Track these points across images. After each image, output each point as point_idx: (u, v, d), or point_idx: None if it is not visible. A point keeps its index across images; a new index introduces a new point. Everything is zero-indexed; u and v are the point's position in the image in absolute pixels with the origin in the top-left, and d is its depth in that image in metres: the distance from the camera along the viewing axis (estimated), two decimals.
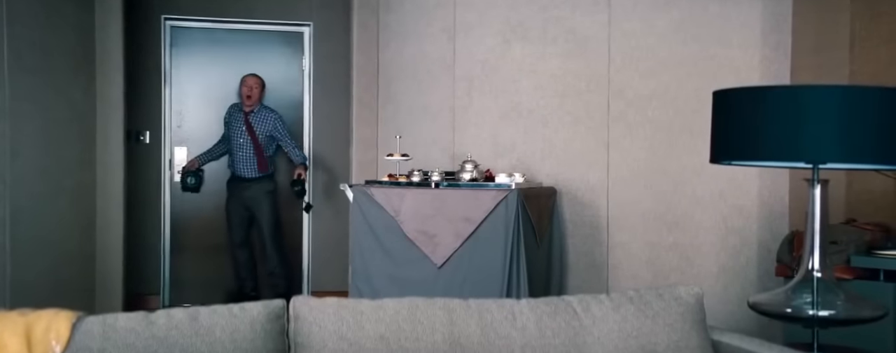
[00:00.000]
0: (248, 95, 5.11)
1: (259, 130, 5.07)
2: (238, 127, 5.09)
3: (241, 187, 5.13)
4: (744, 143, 1.93)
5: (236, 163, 5.11)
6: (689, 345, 1.82)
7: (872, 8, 3.47)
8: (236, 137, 5.09)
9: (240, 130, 5.08)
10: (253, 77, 5.22)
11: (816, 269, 2.01)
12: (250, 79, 5.20)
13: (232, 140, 5.11)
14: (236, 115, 5.14)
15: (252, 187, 5.11)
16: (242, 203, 5.15)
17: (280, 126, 5.11)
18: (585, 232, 4.08)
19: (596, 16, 4.03)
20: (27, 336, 1.54)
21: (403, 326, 1.73)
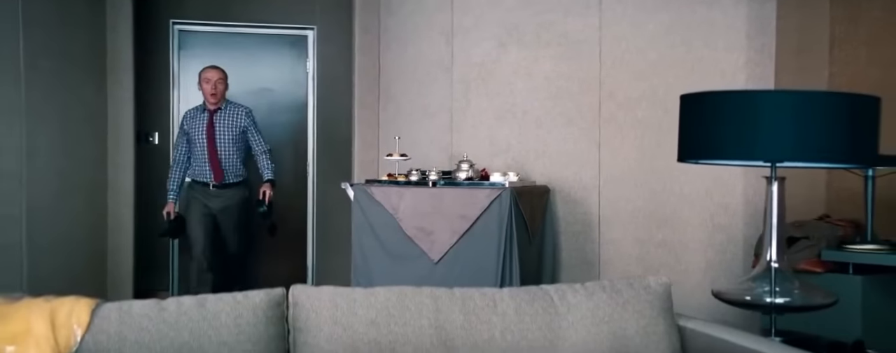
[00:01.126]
0: (212, 92, 4.58)
1: (227, 127, 4.62)
2: (200, 128, 4.60)
3: (205, 194, 4.62)
4: (707, 143, 2.08)
5: (202, 166, 4.62)
6: (656, 330, 1.97)
7: (850, 12, 3.61)
8: (199, 141, 4.60)
9: (201, 131, 4.60)
10: (214, 70, 4.65)
11: (774, 260, 2.17)
12: (211, 72, 4.62)
13: (194, 144, 4.63)
14: (199, 116, 4.64)
15: (221, 195, 4.61)
16: (207, 213, 4.61)
17: (251, 123, 4.69)
18: (577, 229, 4.23)
19: (587, 20, 4.18)
20: (52, 320, 1.70)
21: (393, 312, 1.89)
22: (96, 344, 1.71)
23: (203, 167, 4.61)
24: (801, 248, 2.95)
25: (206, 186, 4.62)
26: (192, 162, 4.66)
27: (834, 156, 2.00)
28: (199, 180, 4.66)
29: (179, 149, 4.73)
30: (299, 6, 5.90)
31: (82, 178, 4.70)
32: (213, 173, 4.58)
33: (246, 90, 5.80)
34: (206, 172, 4.61)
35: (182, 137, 4.71)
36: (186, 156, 4.69)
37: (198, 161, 4.63)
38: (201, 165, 4.62)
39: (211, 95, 4.58)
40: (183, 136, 4.70)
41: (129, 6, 5.04)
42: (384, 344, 1.85)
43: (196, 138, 4.61)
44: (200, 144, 4.59)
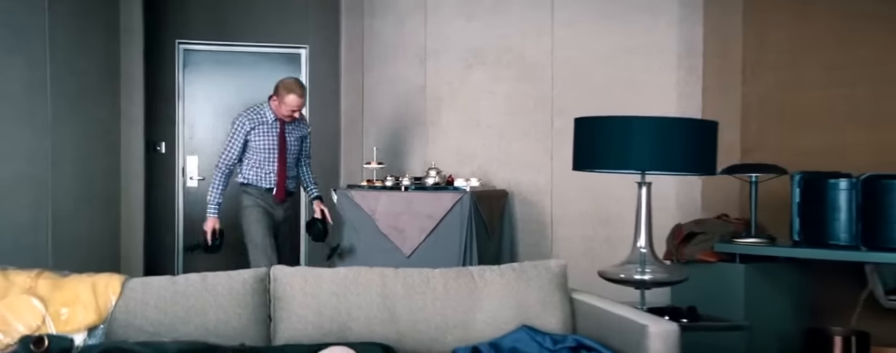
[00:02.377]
0: (289, 116, 4.17)
1: (295, 140, 4.34)
2: (270, 138, 4.22)
3: (268, 201, 4.25)
4: (594, 156, 2.68)
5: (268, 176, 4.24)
6: (552, 300, 2.56)
7: (760, 39, 4.20)
8: (268, 150, 4.22)
9: (271, 141, 4.23)
10: (299, 97, 4.12)
11: (642, 246, 2.76)
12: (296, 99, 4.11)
13: (258, 152, 4.22)
14: (270, 124, 4.21)
15: (281, 205, 4.28)
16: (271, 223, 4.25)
17: (309, 134, 4.48)
18: (533, 227, 4.82)
19: (541, 45, 4.78)
20: (93, 290, 2.30)
21: (350, 286, 2.49)
22: (126, 308, 2.31)
23: (267, 176, 4.22)
24: (698, 242, 3.55)
25: (269, 192, 4.22)
26: (248, 168, 4.23)
27: (686, 167, 2.61)
28: (259, 186, 4.23)
29: (231, 156, 4.19)
30: (293, 27, 6.50)
31: (99, 186, 5.30)
32: (278, 187, 4.21)
33: (244, 102, 6.37)
34: (269, 180, 4.22)
35: (239, 142, 4.18)
36: (236, 164, 4.24)
37: (262, 170, 4.22)
38: (266, 174, 4.22)
39: (287, 117, 4.18)
40: (241, 141, 4.18)
41: (139, 29, 5.64)
42: (342, 310, 2.45)
43: (264, 147, 4.19)
44: (269, 154, 4.19)
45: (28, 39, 4.49)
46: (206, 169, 6.50)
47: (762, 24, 4.17)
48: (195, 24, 6.36)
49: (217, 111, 6.46)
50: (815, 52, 4.14)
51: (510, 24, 4.84)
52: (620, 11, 4.66)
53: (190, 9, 6.31)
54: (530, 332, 2.47)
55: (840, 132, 4.08)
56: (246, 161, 4.24)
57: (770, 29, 4.19)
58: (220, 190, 4.23)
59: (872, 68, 4.14)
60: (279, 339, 2.39)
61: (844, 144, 4.04)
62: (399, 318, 2.48)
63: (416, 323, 2.48)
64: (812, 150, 4.05)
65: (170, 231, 6.31)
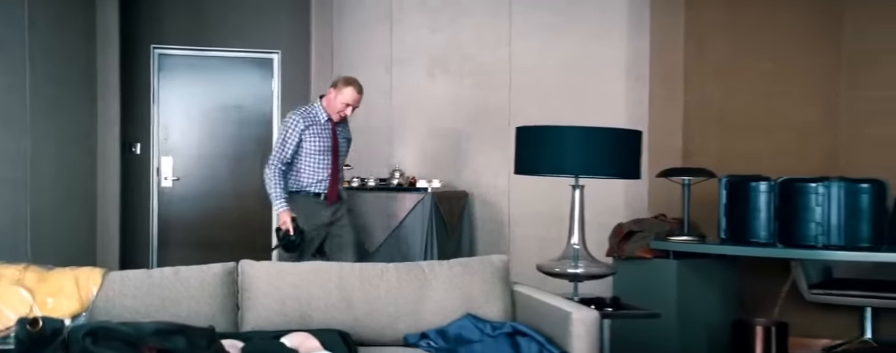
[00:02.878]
0: (344, 113, 4.01)
1: (344, 140, 4.21)
2: (325, 139, 4.03)
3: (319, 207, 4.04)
4: (534, 161, 2.97)
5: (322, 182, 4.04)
6: (494, 292, 2.84)
7: (700, 51, 4.52)
8: (322, 151, 4.02)
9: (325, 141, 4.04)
10: (360, 93, 4.01)
11: (576, 243, 3.06)
12: (356, 95, 3.98)
13: (311, 154, 4.02)
14: (323, 125, 4.03)
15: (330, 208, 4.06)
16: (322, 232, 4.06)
17: None
18: (491, 227, 5.11)
19: (499, 54, 5.07)
20: (76, 282, 2.55)
21: (310, 278, 2.75)
22: (106, 298, 2.55)
23: (320, 181, 4.02)
24: (637, 239, 3.85)
25: (317, 197, 4.03)
26: (297, 174, 4.03)
27: (614, 172, 2.91)
28: (308, 192, 4.03)
29: (286, 154, 4.00)
30: (266, 33, 6.72)
31: (76, 185, 5.51)
32: (331, 190, 4.03)
33: (218, 106, 6.65)
34: (321, 185, 4.03)
35: (294, 140, 3.99)
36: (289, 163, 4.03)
37: (315, 173, 4.02)
38: (318, 179, 4.02)
39: (340, 113, 4.01)
40: (295, 139, 3.99)
41: (115, 35, 5.85)
42: (303, 300, 2.71)
43: (318, 149, 4.00)
44: (323, 156, 4.01)
45: (7, 46, 4.70)
46: (181, 169, 6.73)
47: (701, 38, 4.49)
48: (170, 29, 6.57)
49: (191, 114, 6.68)
50: (748, 64, 4.48)
51: (470, 34, 5.13)
52: (573, 24, 4.96)
53: (164, 15, 6.52)
54: (473, 320, 2.75)
55: (772, 137, 4.41)
56: (296, 165, 4.00)
57: (708, 42, 4.51)
58: (282, 184, 3.98)
59: (800, 78, 4.49)
60: (246, 326, 2.64)
61: (775, 149, 4.38)
62: (355, 307, 2.74)
63: (370, 312, 2.74)
64: (747, 154, 4.38)
65: (145, 228, 6.52)
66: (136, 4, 6.34)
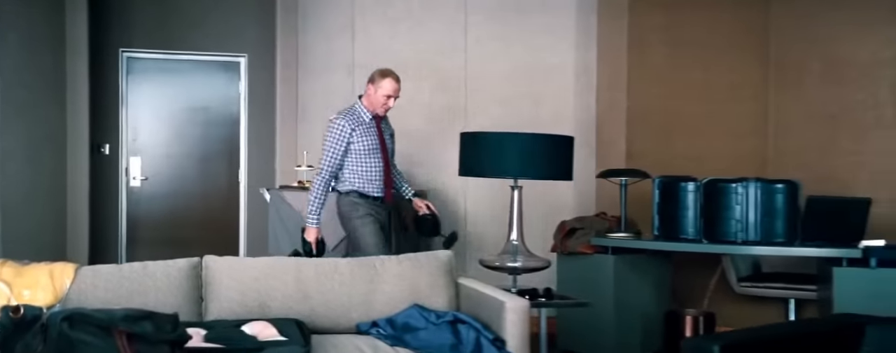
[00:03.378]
0: (386, 106, 4.03)
1: (390, 136, 4.17)
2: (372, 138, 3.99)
3: (377, 209, 4.02)
4: (476, 164, 3.24)
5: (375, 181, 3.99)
6: (439, 284, 3.11)
7: (642, 55, 4.82)
8: (372, 152, 3.97)
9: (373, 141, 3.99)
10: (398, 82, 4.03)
11: (514, 239, 3.34)
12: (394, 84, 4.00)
13: (362, 156, 3.96)
14: (369, 124, 4.01)
15: (387, 207, 4.10)
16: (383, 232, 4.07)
17: None
18: (448, 224, 5.35)
19: (455, 60, 5.33)
20: (50, 275, 2.76)
21: (269, 272, 2.99)
22: (79, 290, 2.77)
23: (374, 182, 3.97)
24: (579, 236, 4.15)
25: (376, 200, 3.99)
26: (352, 175, 3.96)
27: (549, 174, 3.20)
28: (367, 194, 3.97)
29: (335, 161, 3.94)
30: (233, 37, 6.91)
31: (45, 184, 5.67)
32: (386, 189, 4.00)
33: (186, 107, 6.84)
34: (376, 187, 3.98)
35: (342, 145, 3.94)
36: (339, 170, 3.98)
37: (368, 174, 3.96)
38: (372, 179, 3.96)
39: (383, 107, 4.02)
40: (343, 144, 3.94)
41: (84, 40, 6.01)
42: (263, 291, 2.95)
43: (366, 149, 3.94)
44: (372, 156, 3.95)
45: None
46: (149, 169, 6.91)
47: (643, 44, 4.80)
48: (138, 34, 6.73)
49: (159, 115, 6.86)
50: (686, 69, 4.80)
51: (428, 41, 5.38)
52: (525, 33, 5.24)
53: (133, 20, 6.70)
54: (420, 309, 3.01)
55: (707, 140, 4.74)
56: (347, 168, 3.95)
57: (649, 47, 4.82)
58: (323, 199, 3.92)
59: (733, 84, 4.83)
60: (209, 315, 2.88)
61: (711, 151, 4.71)
62: (311, 298, 2.99)
63: (325, 302, 2.99)
64: (685, 156, 4.70)
65: (114, 226, 6.70)
66: (104, 9, 6.51)
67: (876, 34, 4.34)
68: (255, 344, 2.50)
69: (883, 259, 3.33)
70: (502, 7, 5.30)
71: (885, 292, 3.28)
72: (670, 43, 4.79)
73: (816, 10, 4.64)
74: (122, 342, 2.04)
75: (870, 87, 4.36)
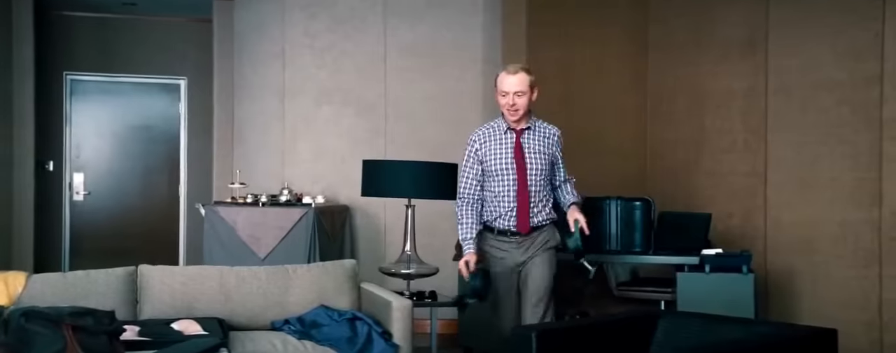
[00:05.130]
0: (511, 106, 3.30)
1: (538, 153, 3.34)
2: (503, 153, 3.29)
3: (514, 244, 3.29)
4: (376, 186, 3.83)
5: (503, 210, 3.29)
6: (343, 288, 3.67)
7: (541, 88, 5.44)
8: (502, 170, 3.28)
9: (505, 156, 3.29)
10: (512, 75, 3.32)
11: (408, 250, 3.93)
12: (507, 80, 3.31)
13: (492, 176, 3.30)
14: (499, 137, 3.33)
15: (525, 242, 3.30)
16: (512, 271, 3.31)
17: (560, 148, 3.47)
18: (371, 235, 5.92)
19: (376, 88, 5.90)
20: (5, 282, 3.24)
21: (195, 278, 3.51)
22: (30, 295, 3.25)
23: (505, 211, 3.28)
24: None
25: (504, 234, 3.30)
26: (486, 202, 3.33)
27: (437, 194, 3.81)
28: (493, 226, 3.32)
29: (467, 183, 3.34)
30: (172, 60, 7.39)
31: None
32: (519, 217, 3.26)
33: (128, 126, 7.29)
34: (507, 217, 3.28)
35: (472, 163, 3.34)
36: (479, 189, 3.33)
37: (498, 200, 3.29)
38: (501, 207, 3.28)
39: (511, 111, 3.31)
40: (474, 161, 3.34)
41: (31, 62, 6.43)
42: (189, 294, 3.47)
43: (497, 167, 3.28)
44: (504, 176, 3.27)
45: None
46: (91, 184, 7.34)
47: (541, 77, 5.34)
48: (82, 57, 7.16)
49: (102, 134, 7.29)
50: (578, 99, 5.46)
51: (351, 71, 5.94)
52: (438, 64, 5.85)
53: (77, 44, 7.14)
54: (326, 309, 3.56)
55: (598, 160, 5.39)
56: (485, 194, 3.32)
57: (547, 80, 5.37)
58: (468, 224, 3.28)
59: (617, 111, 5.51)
60: (143, 315, 3.38)
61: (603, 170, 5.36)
62: (232, 300, 3.52)
63: (244, 304, 3.52)
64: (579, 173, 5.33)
65: (58, 238, 7.10)
66: (50, 34, 6.94)
67: (730, 68, 5.06)
68: (180, 337, 3.02)
69: (715, 266, 4.00)
70: (416, 42, 5.90)
71: (717, 293, 3.95)
72: (565, 76, 5.45)
73: (684, 47, 5.36)
74: (69, 333, 2.55)
75: (725, 115, 5.07)
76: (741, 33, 5.00)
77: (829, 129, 4.52)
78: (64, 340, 2.55)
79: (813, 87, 4.61)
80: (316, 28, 5.99)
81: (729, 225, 4.95)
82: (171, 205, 7.42)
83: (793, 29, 4.73)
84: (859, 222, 4.37)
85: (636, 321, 2.83)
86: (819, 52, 4.59)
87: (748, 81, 4.94)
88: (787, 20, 4.75)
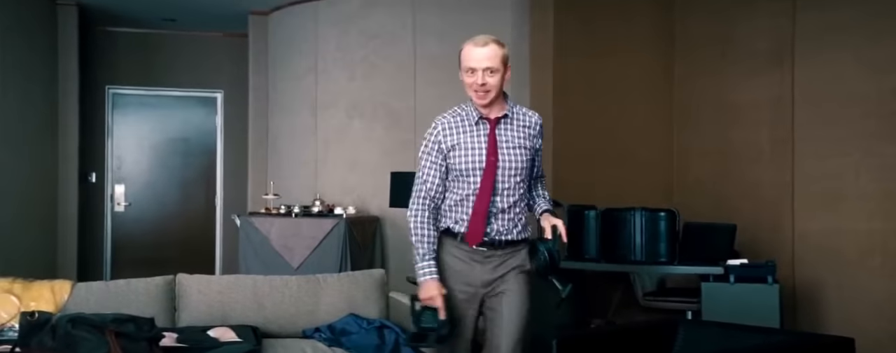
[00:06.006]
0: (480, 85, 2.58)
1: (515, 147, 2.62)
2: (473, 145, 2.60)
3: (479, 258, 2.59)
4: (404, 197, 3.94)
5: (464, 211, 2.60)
6: (372, 297, 3.77)
7: (566, 101, 5.52)
8: (474, 170, 2.58)
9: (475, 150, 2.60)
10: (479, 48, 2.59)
11: None
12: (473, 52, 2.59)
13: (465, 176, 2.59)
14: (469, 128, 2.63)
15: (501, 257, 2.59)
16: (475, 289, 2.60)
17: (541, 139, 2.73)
18: (400, 245, 6.03)
19: (406, 100, 6.03)
20: (52, 290, 3.40)
21: (231, 286, 3.65)
22: (75, 303, 3.41)
23: (466, 212, 2.59)
24: None
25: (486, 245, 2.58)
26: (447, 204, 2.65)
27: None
28: (454, 231, 2.60)
29: (426, 182, 2.65)
30: (210, 74, 7.61)
31: (38, 210, 6.31)
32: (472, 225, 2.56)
33: (167, 138, 7.52)
34: (464, 219, 2.59)
35: (433, 158, 2.65)
36: (441, 193, 2.64)
37: (463, 203, 2.61)
38: (464, 208, 2.60)
39: (478, 93, 2.59)
40: (435, 156, 2.65)
41: (75, 79, 6.68)
42: (225, 303, 3.60)
43: (466, 161, 2.59)
44: (472, 173, 2.58)
45: None
46: (133, 195, 7.58)
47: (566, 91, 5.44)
48: (123, 71, 7.41)
49: (142, 146, 7.53)
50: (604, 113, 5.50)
51: (381, 84, 6.09)
52: None
53: (119, 59, 7.40)
54: (355, 318, 3.67)
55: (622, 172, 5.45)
56: (447, 193, 2.64)
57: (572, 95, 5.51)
58: (428, 238, 2.58)
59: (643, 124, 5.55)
60: (181, 323, 3.52)
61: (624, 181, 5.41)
62: (265, 308, 3.64)
63: (276, 312, 3.64)
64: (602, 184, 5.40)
65: (100, 248, 7.34)
66: (93, 50, 7.20)
67: (756, 80, 5.09)
68: (215, 343, 3.16)
69: (739, 276, 4.03)
70: (444, 55, 6.01)
71: (742, 303, 3.98)
72: (591, 91, 5.51)
73: (710, 59, 5.39)
74: (112, 338, 2.70)
75: (752, 126, 5.10)
76: (767, 45, 5.02)
77: (855, 140, 4.53)
78: (107, 345, 2.69)
79: (839, 99, 4.62)
80: (347, 42, 6.15)
81: (756, 236, 4.96)
82: (208, 215, 7.62)
83: (819, 41, 4.74)
84: (887, 232, 4.36)
85: (657, 329, 2.89)
86: (845, 65, 4.60)
87: (774, 93, 4.96)
88: (813, 32, 4.77)
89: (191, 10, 6.74)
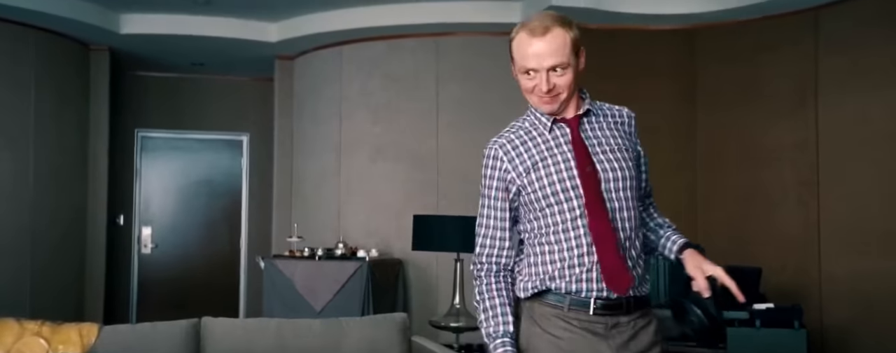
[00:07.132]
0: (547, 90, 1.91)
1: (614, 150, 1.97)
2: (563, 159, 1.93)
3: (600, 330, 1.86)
4: (426, 241, 3.96)
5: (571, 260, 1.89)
6: (394, 340, 3.76)
7: None
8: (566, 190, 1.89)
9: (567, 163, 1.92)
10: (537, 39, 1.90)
11: (457, 303, 4.01)
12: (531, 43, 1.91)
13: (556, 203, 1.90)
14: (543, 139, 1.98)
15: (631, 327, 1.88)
16: None
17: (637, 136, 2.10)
18: (423, 287, 6.03)
19: (428, 142, 6.09)
20: (80, 333, 3.45)
21: (254, 330, 3.66)
22: (102, 346, 3.45)
23: (575, 255, 1.88)
24: None
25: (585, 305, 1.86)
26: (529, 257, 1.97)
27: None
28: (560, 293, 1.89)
29: (496, 230, 2.05)
30: (236, 118, 7.74)
31: (68, 253, 6.40)
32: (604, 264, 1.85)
33: (193, 181, 7.62)
34: (581, 272, 1.87)
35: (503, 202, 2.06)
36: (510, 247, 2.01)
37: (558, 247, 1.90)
38: (567, 250, 1.89)
39: (542, 97, 1.94)
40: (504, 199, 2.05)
41: (105, 120, 6.83)
42: (250, 347, 3.62)
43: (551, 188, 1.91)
44: (566, 198, 1.90)
45: (15, 141, 5.69)
46: (159, 237, 7.67)
47: None
48: (152, 115, 7.57)
49: (167, 188, 7.64)
50: None
51: (405, 127, 6.16)
52: (487, 118, 6.00)
53: (148, 103, 7.56)
54: None
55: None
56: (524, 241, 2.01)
57: None
58: (500, 308, 1.97)
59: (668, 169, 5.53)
60: None
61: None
62: (288, 351, 3.65)
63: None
64: None
65: (126, 289, 7.41)
66: (123, 95, 7.38)
67: (780, 121, 5.08)
68: None
69: (765, 321, 3.98)
70: (466, 97, 6.08)
71: (769, 349, 3.92)
72: None
73: (733, 100, 5.40)
74: None
75: (776, 167, 5.07)
76: (791, 86, 5.03)
77: (881, 181, 4.49)
78: None
79: (863, 140, 4.60)
80: (371, 86, 6.24)
81: (782, 279, 4.90)
82: (232, 257, 7.68)
83: (842, 83, 4.75)
84: None
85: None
86: (869, 106, 4.59)
87: (799, 134, 4.95)
88: (837, 74, 4.78)
89: (219, 55, 6.90)
